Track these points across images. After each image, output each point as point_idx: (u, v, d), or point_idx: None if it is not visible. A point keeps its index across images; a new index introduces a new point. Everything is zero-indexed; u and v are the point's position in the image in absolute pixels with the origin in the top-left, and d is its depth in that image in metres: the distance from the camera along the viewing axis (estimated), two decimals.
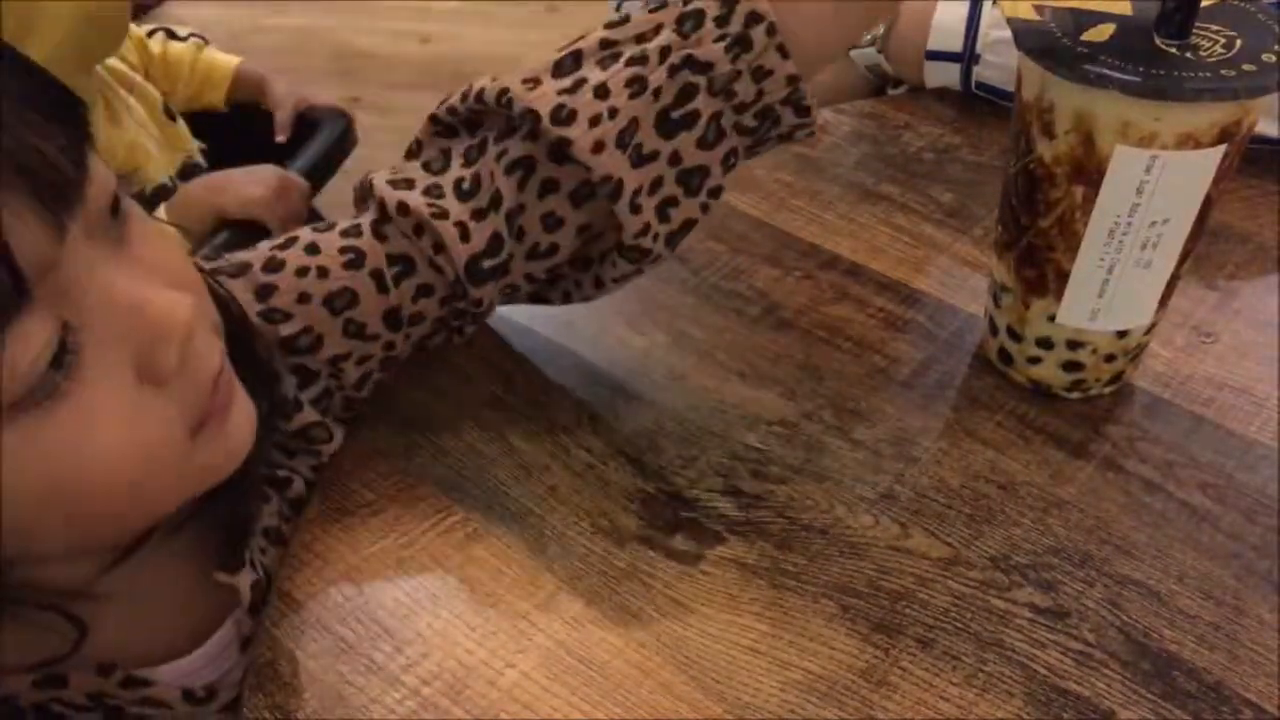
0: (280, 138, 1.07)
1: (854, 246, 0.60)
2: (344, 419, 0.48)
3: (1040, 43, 0.42)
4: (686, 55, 0.42)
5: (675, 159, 0.43)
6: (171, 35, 1.07)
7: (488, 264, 0.45)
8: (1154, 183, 0.42)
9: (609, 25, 0.44)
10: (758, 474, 0.47)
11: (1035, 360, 0.49)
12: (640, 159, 0.43)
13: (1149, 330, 0.48)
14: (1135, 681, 0.39)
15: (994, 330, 0.51)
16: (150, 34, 1.05)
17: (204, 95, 1.08)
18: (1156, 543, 0.43)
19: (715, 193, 0.45)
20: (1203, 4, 0.41)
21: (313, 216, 0.96)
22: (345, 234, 0.45)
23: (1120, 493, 0.45)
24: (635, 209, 0.43)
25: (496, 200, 0.44)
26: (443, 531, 0.45)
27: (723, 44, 0.42)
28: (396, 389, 0.50)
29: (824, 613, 0.41)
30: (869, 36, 0.73)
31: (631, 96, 0.42)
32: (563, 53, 0.44)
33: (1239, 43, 0.41)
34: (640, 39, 0.43)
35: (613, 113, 0.42)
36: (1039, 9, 0.43)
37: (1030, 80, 0.43)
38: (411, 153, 0.49)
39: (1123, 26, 0.42)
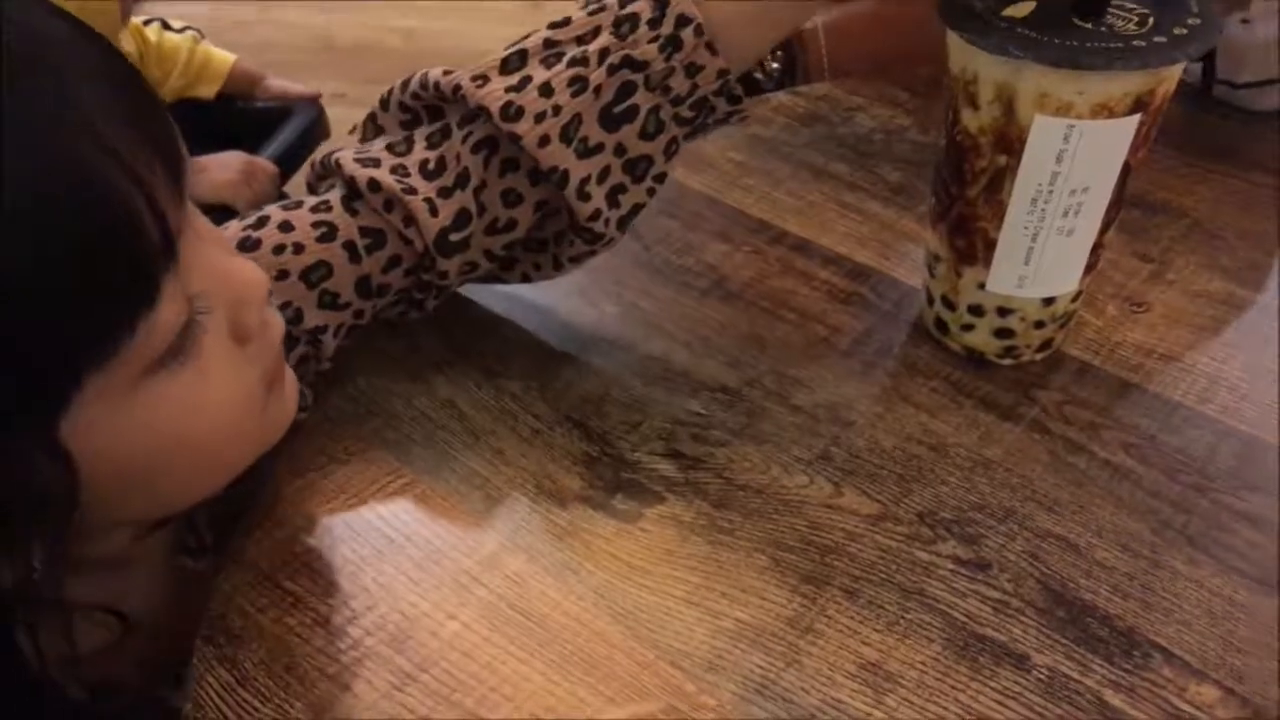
0: (289, 86, 1.13)
1: (802, 223, 0.61)
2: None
3: (964, 17, 0.43)
4: (624, 55, 0.45)
5: (620, 150, 0.46)
6: (167, 26, 1.10)
7: (454, 237, 0.47)
8: (1072, 151, 0.43)
9: (551, 25, 0.47)
10: (698, 438, 0.48)
11: (969, 328, 0.51)
12: (586, 151, 0.46)
13: (1076, 298, 0.49)
14: (1050, 627, 0.40)
15: (930, 300, 0.52)
16: (146, 23, 1.07)
17: (197, 86, 1.11)
18: (1078, 499, 0.45)
19: (660, 178, 0.48)
20: None
21: None
22: (315, 209, 0.47)
23: (1046, 453, 0.47)
24: (584, 196, 0.46)
25: (463, 178, 0.46)
26: (391, 493, 0.46)
27: (656, 44, 0.45)
28: (351, 357, 0.51)
29: (756, 565, 0.43)
30: None
31: (574, 95, 0.45)
32: (509, 51, 0.47)
33: (1152, 19, 0.43)
34: (580, 40, 0.46)
35: (556, 110, 0.45)
36: None
37: (956, 53, 0.45)
38: (366, 135, 0.51)
39: (1043, 5, 0.44)
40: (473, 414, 0.50)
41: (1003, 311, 0.49)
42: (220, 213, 0.86)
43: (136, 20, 1.06)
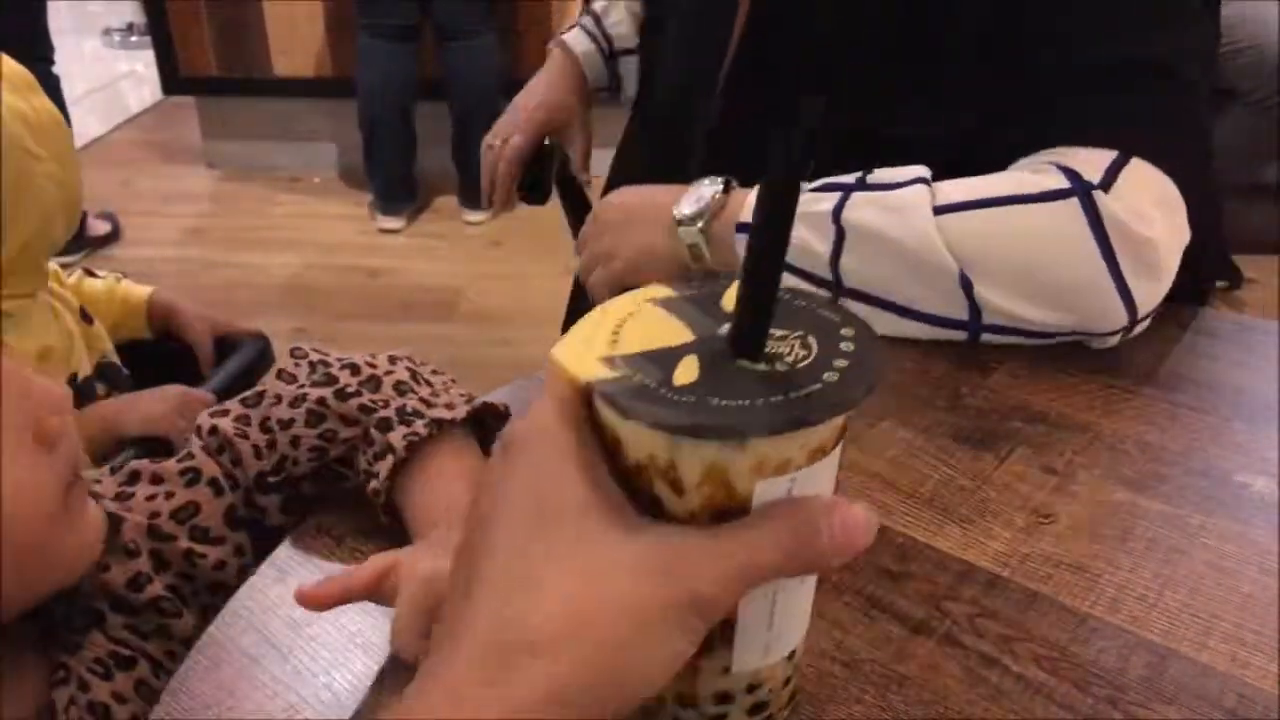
0: (204, 370, 1.11)
1: None
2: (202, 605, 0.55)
3: (646, 404, 0.34)
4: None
5: None
6: (89, 274, 1.12)
7: (273, 479, 0.57)
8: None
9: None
10: None
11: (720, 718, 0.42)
12: None
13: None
14: None
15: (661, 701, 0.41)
16: (66, 269, 1.08)
17: (126, 323, 1.11)
18: (992, 715, 0.44)
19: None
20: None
21: None
22: (181, 459, 0.56)
23: (959, 667, 0.47)
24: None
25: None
26: None
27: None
28: (245, 627, 0.51)
29: None
30: (695, 211, 0.75)
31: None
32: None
33: (813, 340, 0.37)
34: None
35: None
36: (608, 361, 0.36)
37: (638, 443, 0.35)
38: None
39: (701, 357, 0.36)
40: (380, 643, 0.49)
41: (752, 687, 0.41)
42: (153, 445, 0.87)
43: (55, 267, 1.02)
